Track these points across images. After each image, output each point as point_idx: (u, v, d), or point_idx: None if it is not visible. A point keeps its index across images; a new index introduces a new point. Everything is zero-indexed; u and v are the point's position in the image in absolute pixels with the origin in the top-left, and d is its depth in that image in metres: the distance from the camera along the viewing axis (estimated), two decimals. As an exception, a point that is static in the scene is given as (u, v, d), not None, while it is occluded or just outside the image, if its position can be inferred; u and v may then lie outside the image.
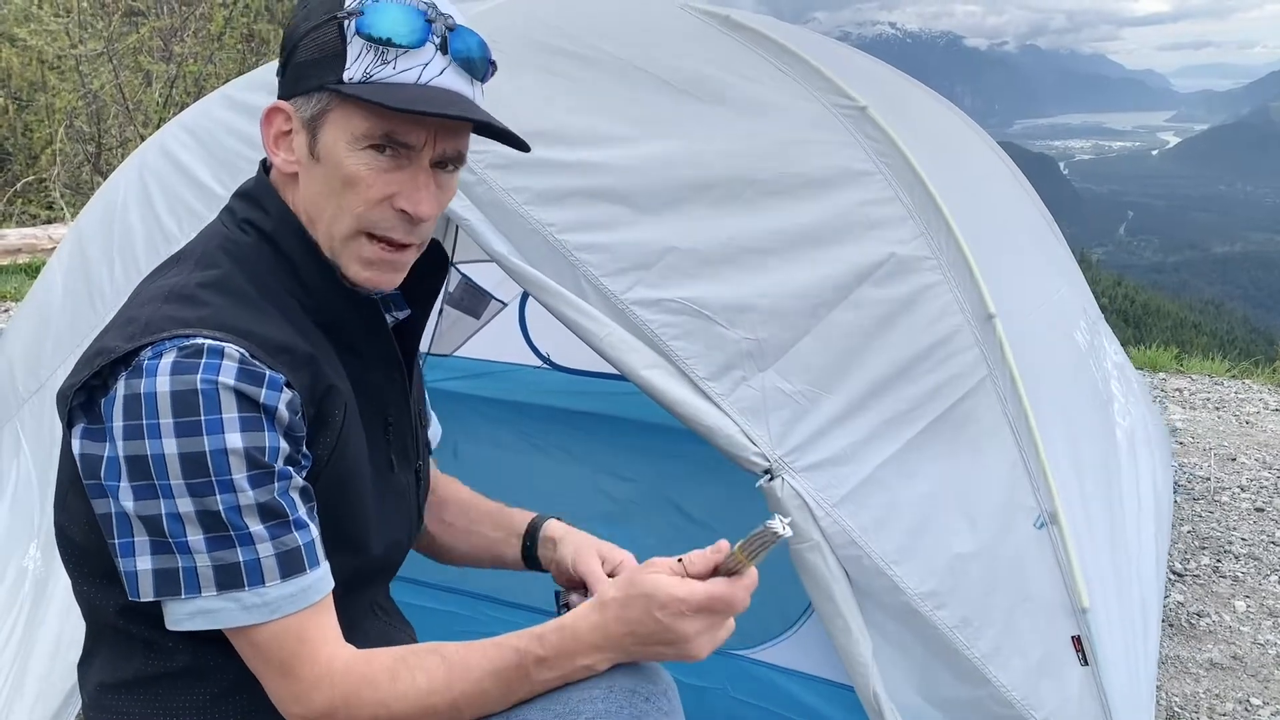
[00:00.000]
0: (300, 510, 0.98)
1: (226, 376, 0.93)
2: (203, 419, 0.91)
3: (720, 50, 1.88)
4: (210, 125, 1.97)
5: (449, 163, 1.06)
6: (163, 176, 1.97)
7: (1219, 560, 2.82)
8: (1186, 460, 3.59)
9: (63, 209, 9.18)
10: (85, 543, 1.02)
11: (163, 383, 0.91)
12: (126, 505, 0.93)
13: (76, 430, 0.97)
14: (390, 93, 0.98)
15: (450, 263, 1.24)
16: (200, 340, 0.94)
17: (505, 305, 3.72)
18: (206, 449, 0.91)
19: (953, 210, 1.68)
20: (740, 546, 0.95)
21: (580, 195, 1.61)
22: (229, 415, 0.92)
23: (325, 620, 0.99)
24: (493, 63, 1.07)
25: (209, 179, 1.91)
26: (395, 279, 1.09)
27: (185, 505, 0.92)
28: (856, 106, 1.75)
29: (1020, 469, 1.59)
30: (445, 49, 1.00)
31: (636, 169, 1.65)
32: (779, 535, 0.91)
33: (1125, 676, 1.62)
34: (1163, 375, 4.78)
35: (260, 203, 1.08)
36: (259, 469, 0.94)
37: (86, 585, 1.05)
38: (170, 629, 0.97)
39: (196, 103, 2.14)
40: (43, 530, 1.86)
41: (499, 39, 1.11)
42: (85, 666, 1.12)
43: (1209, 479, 3.42)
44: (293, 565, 0.96)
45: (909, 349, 1.57)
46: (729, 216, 1.62)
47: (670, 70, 1.80)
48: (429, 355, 3.73)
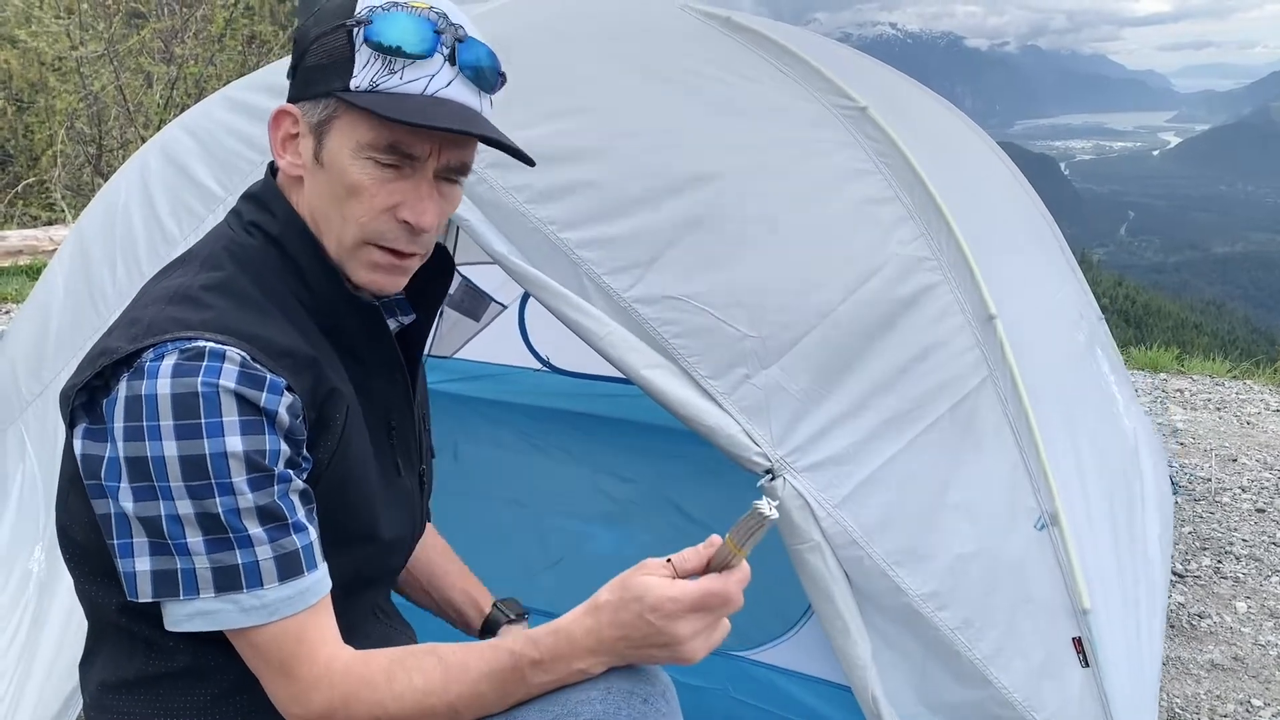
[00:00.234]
0: (299, 513, 0.98)
1: (227, 380, 0.93)
2: (203, 422, 0.92)
3: (721, 51, 1.89)
4: (211, 127, 1.97)
5: (454, 173, 1.06)
6: (164, 178, 1.97)
7: (1220, 561, 2.82)
8: (1187, 461, 3.59)
9: (64, 210, 9.18)
10: (86, 542, 1.02)
11: (164, 385, 0.92)
12: (126, 506, 0.93)
13: (78, 430, 0.97)
14: (395, 104, 0.97)
15: (454, 268, 1.24)
16: (202, 343, 0.94)
17: (505, 308, 3.72)
18: (206, 451, 0.92)
19: (953, 211, 1.68)
20: (731, 535, 0.94)
21: (581, 194, 1.61)
22: (229, 418, 0.93)
23: (324, 622, 1.00)
24: (502, 74, 1.06)
25: (209, 180, 1.91)
26: (400, 282, 1.09)
27: (185, 507, 0.92)
28: (857, 107, 1.76)
29: (1021, 470, 1.59)
30: (454, 60, 1.00)
31: (637, 169, 1.65)
32: (767, 518, 0.89)
33: (1127, 678, 1.62)
34: (1164, 376, 4.78)
35: (267, 205, 1.08)
36: (259, 472, 0.94)
37: (88, 584, 1.05)
38: (169, 630, 0.97)
39: (197, 104, 2.14)
40: (47, 533, 1.86)
41: (500, 39, 1.11)
42: (86, 666, 1.12)
43: (1210, 480, 3.42)
44: (291, 568, 0.96)
45: (910, 349, 1.58)
46: (729, 216, 1.62)
47: (671, 71, 1.80)
48: (429, 357, 3.73)
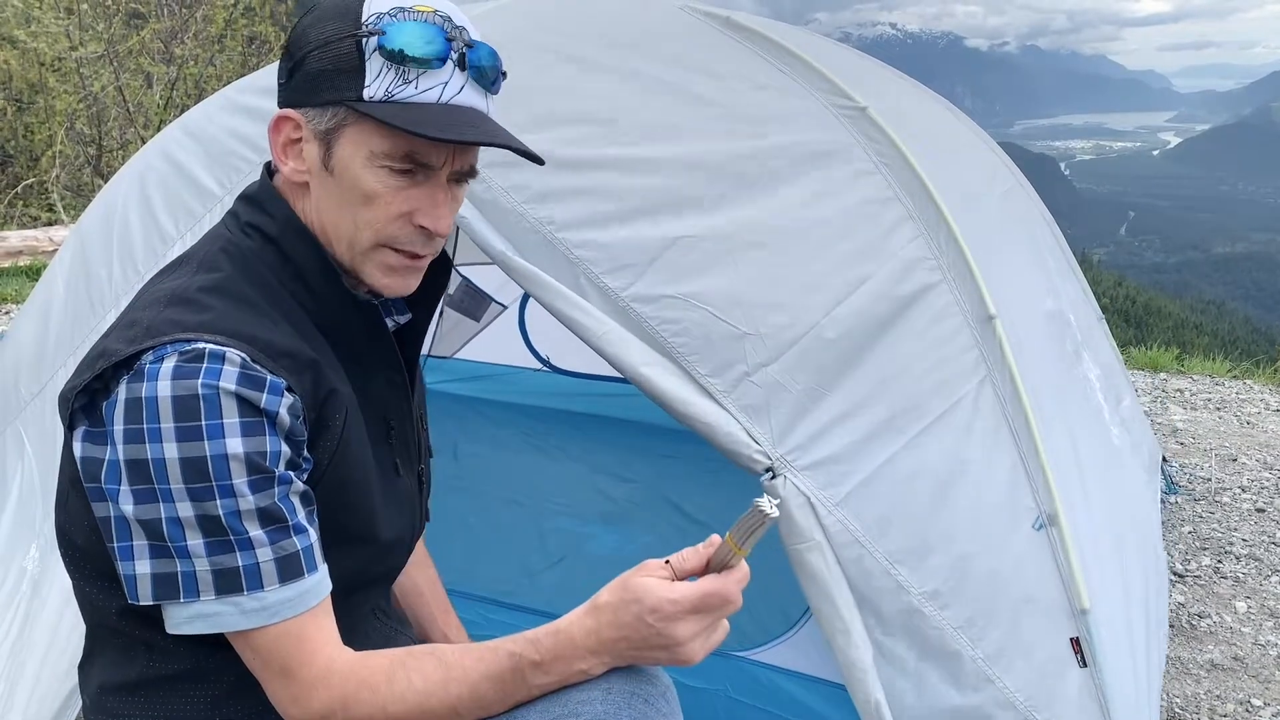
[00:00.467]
0: (300, 514, 0.98)
1: (227, 381, 0.93)
2: (203, 424, 0.92)
3: (721, 51, 1.89)
4: (211, 128, 1.97)
5: (465, 176, 1.07)
6: (163, 179, 1.97)
7: (1220, 561, 2.82)
8: (1187, 460, 3.59)
9: (60, 211, 9.18)
10: (86, 545, 1.02)
11: (164, 387, 0.92)
12: (126, 509, 0.93)
13: (78, 433, 0.97)
14: (414, 115, 0.97)
15: (452, 266, 1.24)
16: (201, 345, 0.94)
17: (505, 308, 3.72)
18: (207, 453, 0.92)
19: (953, 211, 1.68)
20: (731, 534, 0.94)
21: (579, 193, 1.61)
22: (230, 420, 0.92)
23: (324, 623, 1.00)
24: (504, 72, 1.07)
25: (209, 181, 1.91)
26: (414, 283, 1.10)
27: (185, 509, 0.92)
28: (857, 107, 1.76)
29: (1020, 470, 1.58)
30: (463, 64, 1.00)
31: (636, 168, 1.65)
32: (768, 516, 0.89)
33: (1127, 679, 1.62)
34: (1164, 376, 4.78)
35: (264, 207, 1.08)
36: (259, 474, 0.94)
37: (89, 586, 1.05)
38: (169, 633, 0.97)
39: (197, 105, 2.14)
40: (43, 532, 1.86)
41: (499, 40, 1.11)
42: (86, 668, 1.12)
43: (1210, 479, 3.42)
44: (291, 570, 0.96)
45: (909, 349, 1.57)
46: (729, 216, 1.62)
47: (670, 71, 1.80)
48: (429, 357, 3.73)
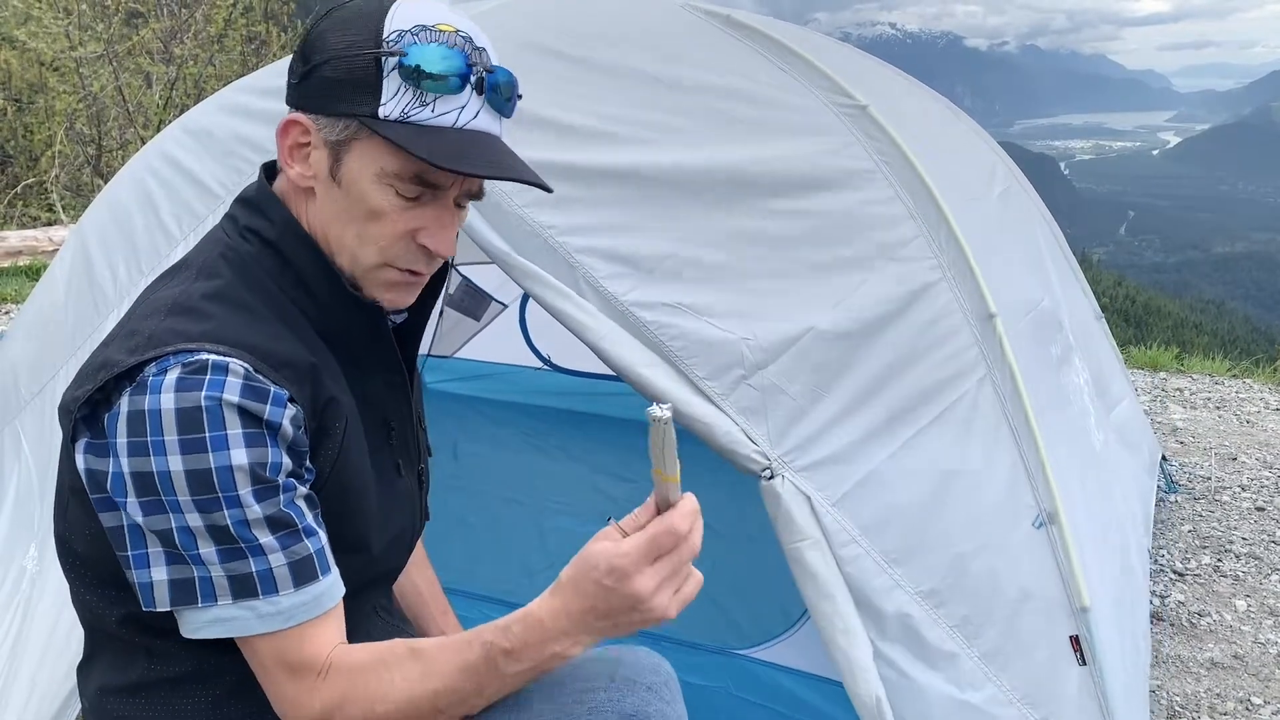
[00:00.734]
0: (308, 518, 0.98)
1: (230, 393, 0.92)
2: (207, 435, 0.91)
3: (721, 50, 1.89)
4: (212, 128, 1.97)
5: (471, 197, 1.07)
6: (165, 179, 1.97)
7: (1220, 559, 2.82)
8: (1187, 460, 3.59)
9: (60, 211, 9.18)
10: (87, 552, 1.02)
11: (167, 399, 0.91)
12: (137, 518, 0.93)
13: (80, 445, 0.96)
14: (431, 142, 0.97)
15: (451, 265, 1.24)
16: (204, 356, 0.93)
17: (505, 307, 3.72)
18: (212, 465, 0.91)
19: (953, 209, 1.68)
20: (653, 466, 0.93)
21: (580, 197, 1.61)
22: (233, 431, 0.92)
23: (334, 625, 1.00)
24: (520, 95, 1.06)
25: (211, 182, 1.91)
26: (413, 297, 1.10)
27: (194, 520, 0.92)
28: (857, 106, 1.76)
29: (1020, 468, 1.59)
30: (480, 89, 1.00)
31: (637, 170, 1.65)
32: (660, 419, 0.88)
33: (1122, 675, 1.62)
34: (1163, 375, 4.78)
35: (263, 211, 1.07)
36: (263, 484, 0.94)
37: (89, 594, 1.05)
38: (186, 637, 0.97)
39: (198, 105, 2.15)
40: (42, 532, 1.86)
41: (499, 39, 1.11)
42: (85, 670, 1.12)
43: (1210, 478, 3.42)
44: (305, 573, 0.96)
45: (909, 348, 1.58)
46: (729, 216, 1.62)
47: (671, 70, 1.80)
48: (429, 357, 3.73)
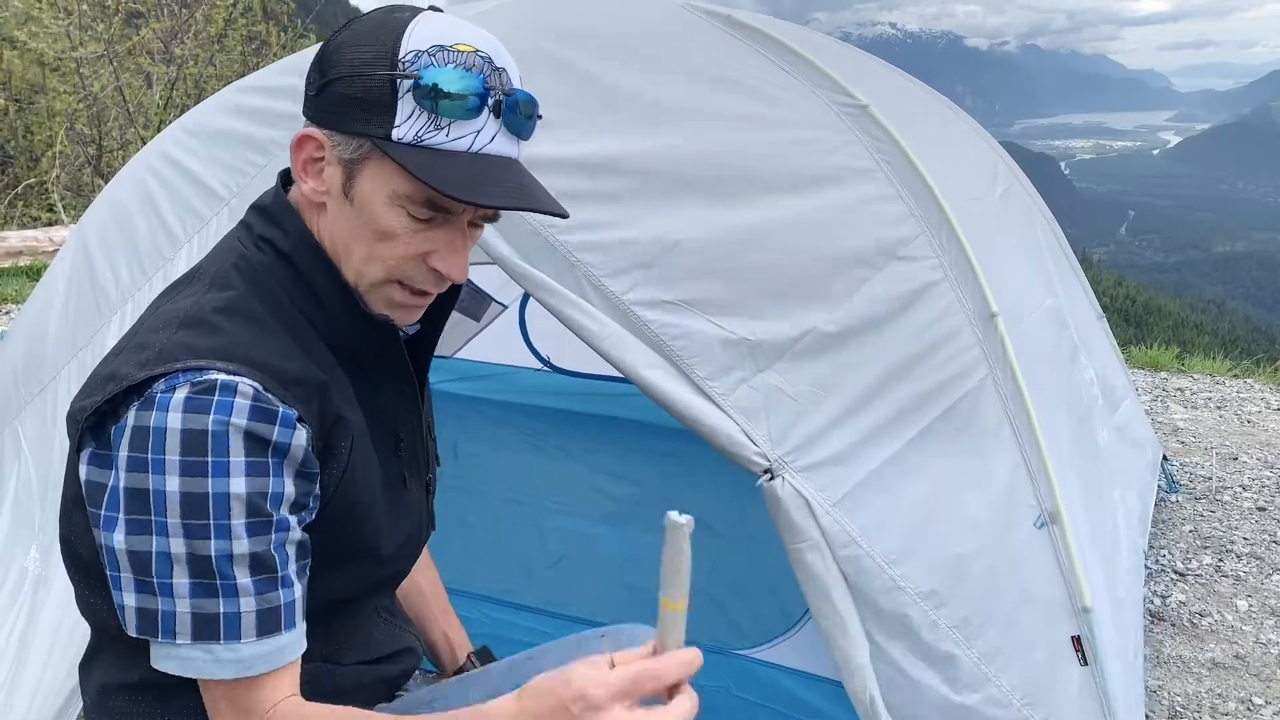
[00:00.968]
0: (291, 566, 0.96)
1: (239, 417, 0.91)
2: (209, 460, 0.90)
3: (722, 49, 1.88)
4: (214, 129, 1.97)
5: (485, 220, 1.05)
6: (166, 180, 1.97)
7: (1221, 560, 2.82)
8: (1188, 460, 3.59)
9: (61, 211, 9.18)
10: (91, 558, 1.01)
11: (174, 419, 0.90)
12: (118, 540, 0.91)
13: (84, 454, 0.95)
14: (445, 170, 0.94)
15: (464, 282, 1.22)
16: (213, 375, 0.92)
17: (506, 308, 3.72)
18: (209, 490, 0.90)
19: (954, 209, 1.68)
20: (661, 579, 0.86)
21: (580, 195, 1.60)
22: (236, 459, 0.91)
23: (290, 677, 0.98)
24: (539, 116, 1.04)
25: (214, 183, 1.91)
26: (417, 316, 1.09)
27: (177, 545, 0.90)
28: (858, 105, 1.75)
29: (1021, 469, 1.58)
30: (498, 112, 0.97)
31: (637, 169, 1.65)
32: (678, 524, 0.84)
33: (1122, 676, 1.62)
34: (1164, 375, 4.78)
35: (278, 221, 1.06)
36: (258, 517, 0.92)
37: (93, 597, 1.04)
38: (153, 666, 0.96)
39: (198, 105, 2.14)
40: (43, 532, 1.86)
41: (498, 39, 1.11)
42: (87, 668, 1.12)
43: (1211, 478, 3.42)
44: (271, 624, 0.94)
45: (910, 348, 1.57)
46: (730, 215, 1.62)
47: (671, 69, 1.80)
48: (430, 356, 3.73)
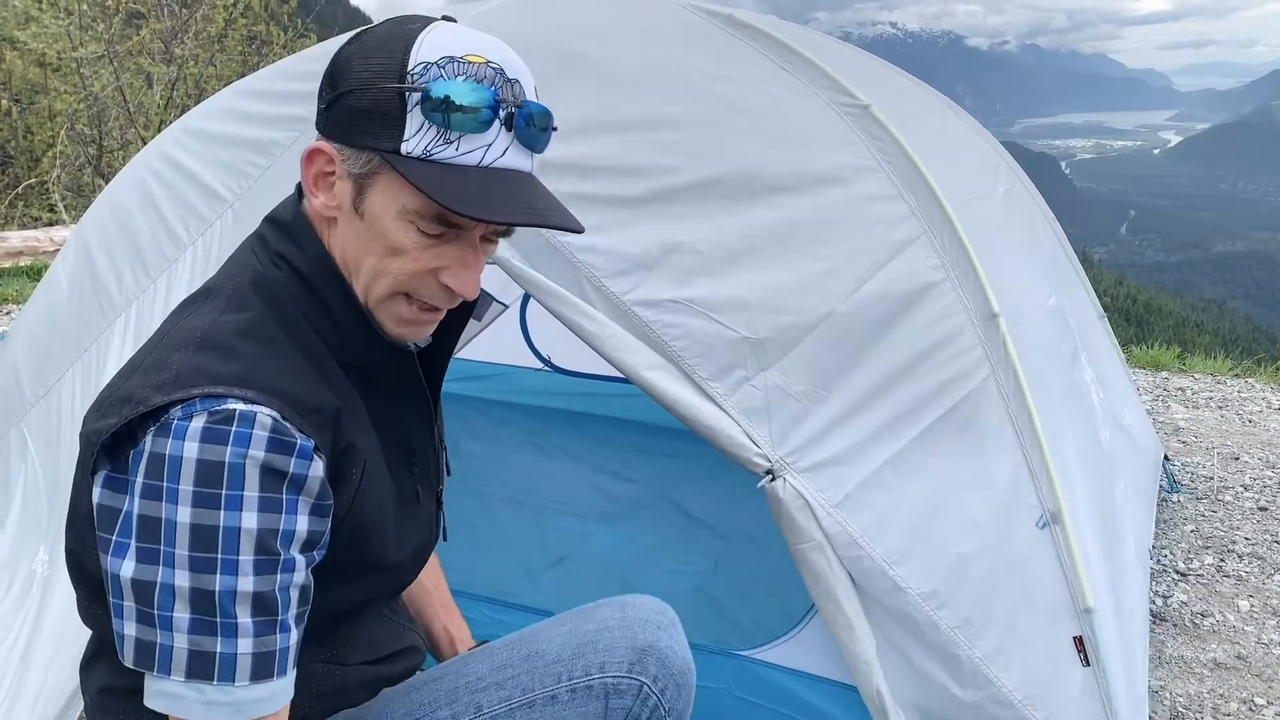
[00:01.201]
0: (291, 611, 0.95)
1: (257, 449, 0.90)
2: (223, 493, 0.89)
3: (723, 49, 1.88)
4: (215, 130, 1.97)
5: (498, 234, 1.04)
6: (168, 181, 1.97)
7: (1223, 560, 2.81)
8: (1189, 459, 3.59)
9: (61, 212, 9.18)
10: (97, 571, 0.99)
11: (190, 448, 0.89)
12: (126, 568, 0.91)
13: (99, 477, 0.94)
14: (454, 186, 0.93)
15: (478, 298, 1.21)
16: (232, 404, 0.91)
17: (506, 308, 3.72)
18: (220, 524, 0.89)
19: (956, 209, 1.68)
20: None
21: (581, 197, 1.60)
22: (250, 493, 0.90)
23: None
24: (554, 128, 1.02)
25: (216, 184, 1.91)
26: (427, 332, 1.08)
27: (182, 579, 0.89)
28: (860, 105, 1.75)
29: (1023, 469, 1.58)
30: (510, 125, 0.95)
31: (638, 169, 1.65)
32: None
33: (1125, 676, 1.62)
34: (1165, 374, 4.78)
35: (296, 238, 1.04)
36: (267, 555, 0.91)
37: (97, 608, 1.04)
38: (145, 704, 0.94)
39: (199, 106, 2.14)
40: (50, 534, 1.86)
41: (499, 39, 1.11)
42: (88, 670, 1.12)
43: (1212, 478, 3.41)
44: (265, 669, 0.93)
45: (912, 348, 1.57)
46: (731, 216, 1.62)
47: (672, 69, 1.80)
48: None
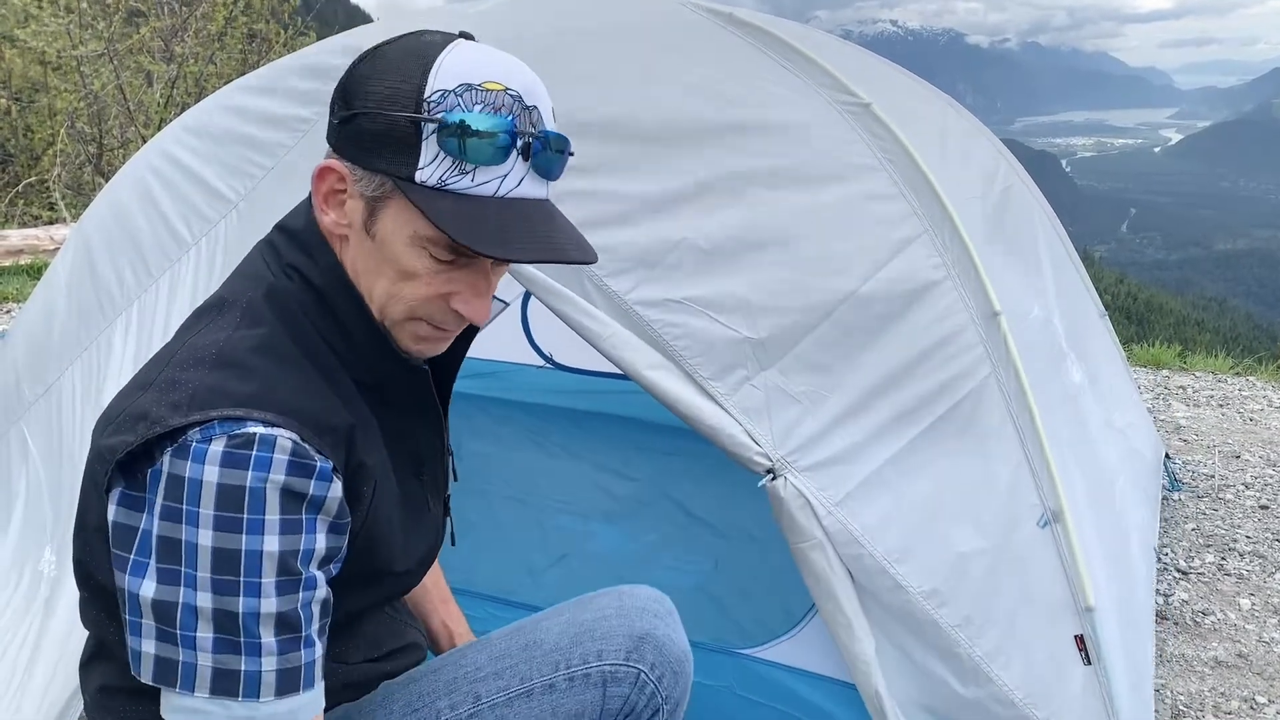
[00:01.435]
0: (314, 625, 0.95)
1: (277, 473, 0.90)
2: (245, 517, 0.89)
3: (723, 47, 1.88)
4: (216, 129, 1.96)
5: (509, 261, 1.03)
6: (169, 180, 1.96)
7: (1224, 558, 2.81)
8: (1190, 458, 3.58)
9: (62, 210, 9.18)
10: (105, 582, 0.99)
11: (211, 472, 0.89)
12: (147, 587, 0.90)
13: (114, 494, 0.94)
14: (469, 221, 0.91)
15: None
16: (251, 428, 0.90)
17: (507, 305, 3.71)
18: (243, 548, 0.89)
19: (957, 207, 1.67)
20: None
21: (582, 195, 1.60)
22: (271, 517, 0.90)
23: None
24: (571, 153, 1.01)
25: (219, 184, 1.90)
26: (443, 347, 1.08)
27: (205, 600, 0.89)
28: (860, 103, 1.75)
29: (1024, 468, 1.58)
30: (526, 154, 0.94)
31: (638, 169, 1.65)
32: None
33: (1126, 675, 1.62)
34: (1166, 373, 4.78)
35: (309, 250, 1.03)
36: (288, 575, 0.92)
37: (100, 614, 1.04)
38: (162, 716, 0.95)
39: (199, 104, 2.14)
40: (55, 534, 1.86)
41: (498, 39, 1.11)
42: (87, 670, 1.12)
43: (1213, 476, 3.41)
44: (290, 684, 0.93)
45: (913, 347, 1.57)
46: (733, 215, 1.61)
47: (673, 68, 1.79)
48: (431, 355, 3.72)
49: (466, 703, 1.18)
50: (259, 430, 0.90)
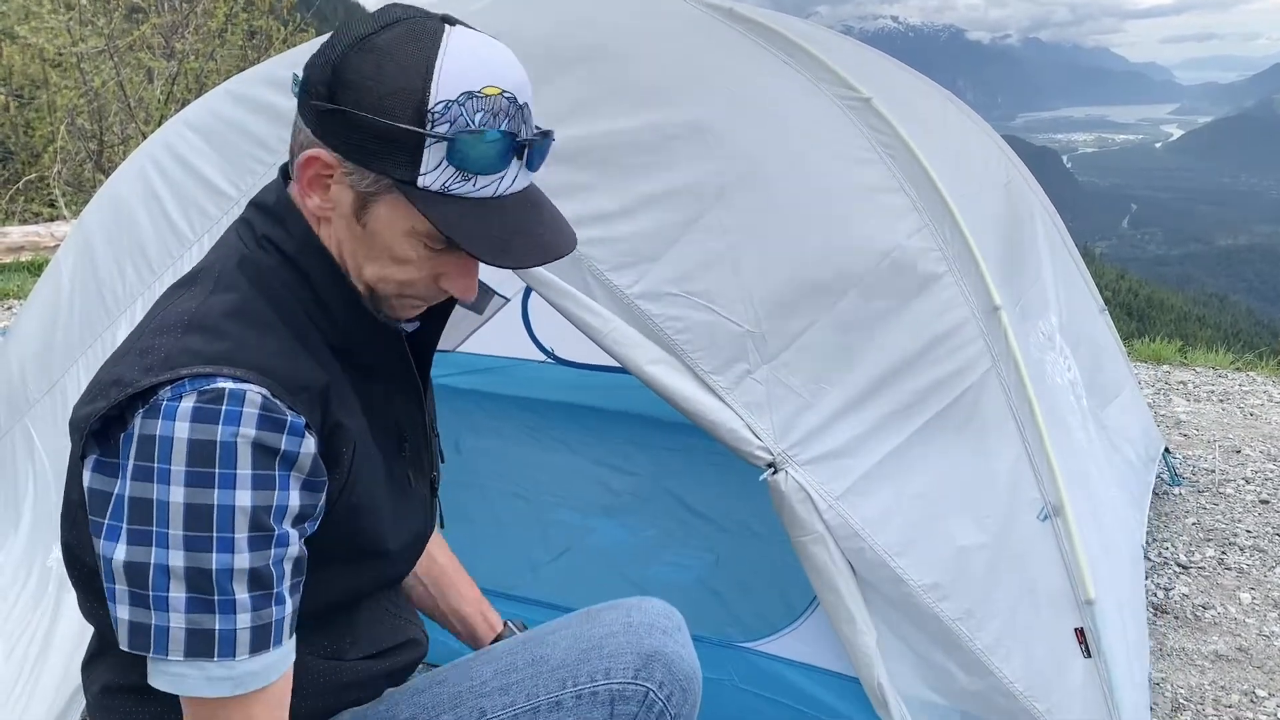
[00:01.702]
0: (286, 583, 0.95)
1: (248, 427, 0.90)
2: (216, 471, 0.89)
3: (724, 42, 1.88)
4: (218, 125, 1.96)
5: None
6: (170, 176, 1.96)
7: (1224, 552, 2.82)
8: (1191, 452, 3.59)
9: (62, 207, 9.18)
10: (94, 564, 0.99)
11: (181, 428, 0.89)
12: (119, 551, 0.90)
13: (89, 461, 0.94)
14: (472, 226, 0.94)
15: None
16: (221, 383, 0.91)
17: (508, 300, 3.72)
18: (214, 502, 0.89)
19: (957, 202, 1.68)
20: None
21: (584, 189, 1.61)
22: (243, 471, 0.90)
23: (280, 694, 0.98)
24: (554, 139, 1.04)
25: (220, 180, 1.91)
26: (418, 313, 1.10)
27: (177, 559, 0.89)
28: (861, 98, 1.75)
29: (1024, 461, 1.59)
30: (522, 156, 0.97)
31: (640, 163, 1.65)
32: None
33: (1126, 667, 1.62)
34: (1167, 368, 4.78)
35: (282, 221, 1.03)
36: (260, 531, 0.91)
37: (95, 604, 1.04)
38: (150, 684, 0.95)
39: (199, 99, 2.14)
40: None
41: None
42: (89, 669, 1.12)
43: (1213, 471, 3.42)
44: (262, 641, 0.93)
45: (914, 341, 1.58)
46: (734, 210, 1.62)
47: (674, 63, 1.80)
48: (432, 351, 3.72)
49: (472, 717, 1.17)
50: (228, 385, 0.91)
